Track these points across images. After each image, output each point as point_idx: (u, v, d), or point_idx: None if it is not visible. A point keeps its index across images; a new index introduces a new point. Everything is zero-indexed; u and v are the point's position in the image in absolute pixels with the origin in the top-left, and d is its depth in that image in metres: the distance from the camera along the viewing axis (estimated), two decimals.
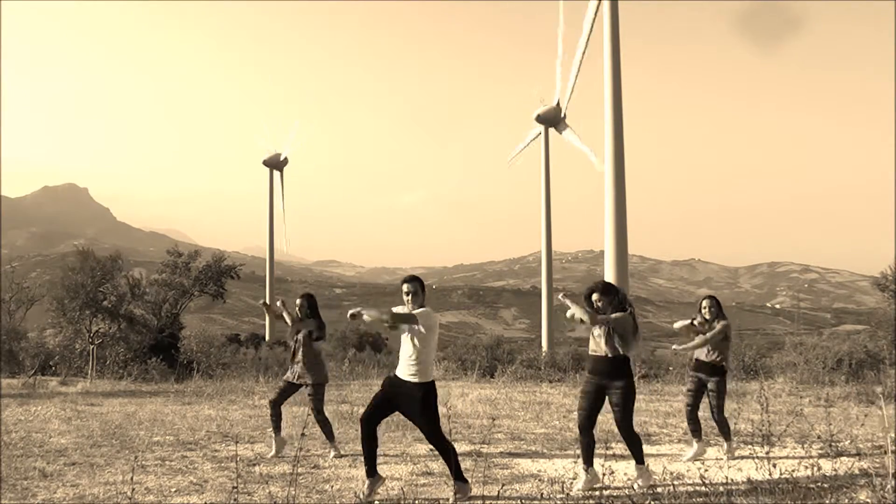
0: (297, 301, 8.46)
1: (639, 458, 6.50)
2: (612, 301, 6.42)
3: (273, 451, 8.10)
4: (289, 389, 8.35)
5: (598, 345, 6.49)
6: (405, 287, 6.18)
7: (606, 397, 6.47)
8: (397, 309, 6.13)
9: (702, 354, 7.98)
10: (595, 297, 6.46)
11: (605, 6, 35.93)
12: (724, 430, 8.02)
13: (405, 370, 6.10)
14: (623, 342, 6.37)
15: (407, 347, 6.12)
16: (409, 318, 6.04)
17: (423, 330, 6.04)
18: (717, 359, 7.88)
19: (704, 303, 8.09)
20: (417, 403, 6.03)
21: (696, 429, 7.96)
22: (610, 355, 6.38)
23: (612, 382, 6.39)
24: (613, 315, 6.39)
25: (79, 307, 21.40)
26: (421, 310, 6.07)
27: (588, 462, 6.44)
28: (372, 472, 6.16)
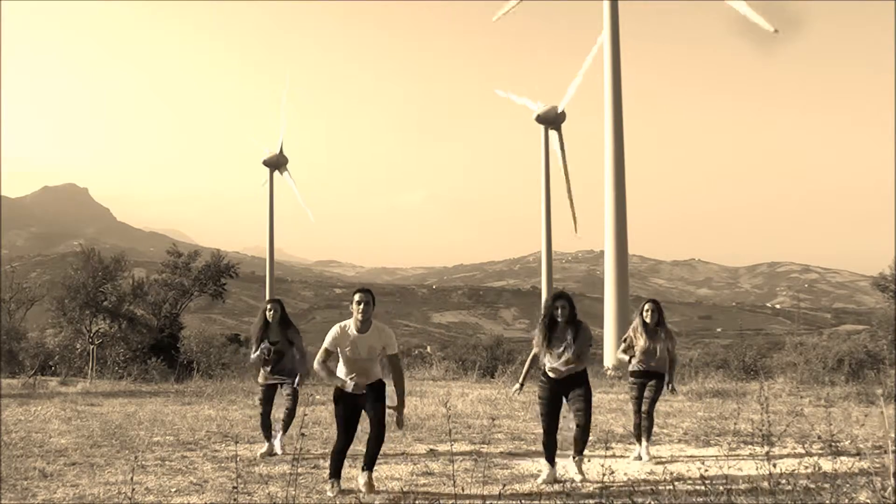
0: (269, 306, 8.23)
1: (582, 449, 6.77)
2: (574, 310, 6.77)
3: (265, 451, 8.05)
4: (272, 393, 8.30)
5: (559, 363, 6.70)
6: (358, 296, 6.19)
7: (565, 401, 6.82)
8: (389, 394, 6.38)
9: (642, 364, 8.05)
10: (560, 303, 6.74)
11: (605, 6, 35.93)
12: (650, 427, 8.03)
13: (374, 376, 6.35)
14: (585, 357, 6.85)
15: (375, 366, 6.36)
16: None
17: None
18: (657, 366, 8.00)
19: (647, 306, 8.13)
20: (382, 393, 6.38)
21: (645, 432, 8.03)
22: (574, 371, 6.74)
23: (573, 389, 6.75)
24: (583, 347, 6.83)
25: (79, 307, 21.39)
26: (391, 338, 6.30)
27: (551, 460, 6.69)
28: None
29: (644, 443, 7.90)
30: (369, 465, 6.19)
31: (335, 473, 6.26)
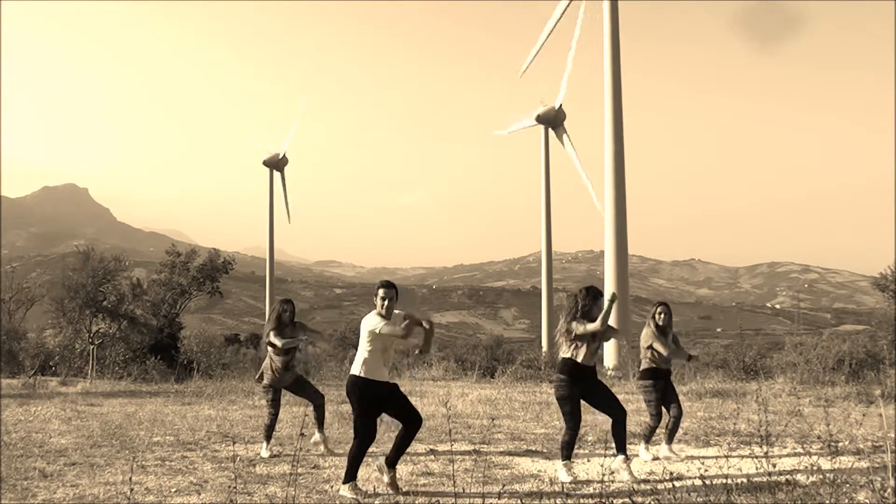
0: (283, 307, 8.19)
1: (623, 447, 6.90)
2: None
3: (269, 452, 8.05)
4: (280, 395, 8.30)
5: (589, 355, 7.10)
6: (382, 292, 6.19)
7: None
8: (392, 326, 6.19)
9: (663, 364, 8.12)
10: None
11: (605, 6, 35.91)
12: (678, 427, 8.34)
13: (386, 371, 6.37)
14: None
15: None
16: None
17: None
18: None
19: (659, 309, 8.23)
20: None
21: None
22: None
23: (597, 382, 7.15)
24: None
25: (78, 307, 21.39)
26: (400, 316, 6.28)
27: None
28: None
29: (672, 443, 8.21)
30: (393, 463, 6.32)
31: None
